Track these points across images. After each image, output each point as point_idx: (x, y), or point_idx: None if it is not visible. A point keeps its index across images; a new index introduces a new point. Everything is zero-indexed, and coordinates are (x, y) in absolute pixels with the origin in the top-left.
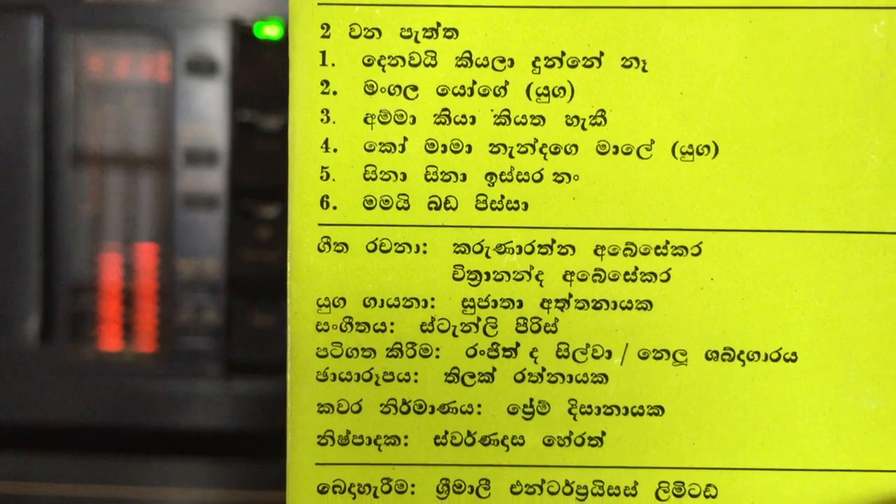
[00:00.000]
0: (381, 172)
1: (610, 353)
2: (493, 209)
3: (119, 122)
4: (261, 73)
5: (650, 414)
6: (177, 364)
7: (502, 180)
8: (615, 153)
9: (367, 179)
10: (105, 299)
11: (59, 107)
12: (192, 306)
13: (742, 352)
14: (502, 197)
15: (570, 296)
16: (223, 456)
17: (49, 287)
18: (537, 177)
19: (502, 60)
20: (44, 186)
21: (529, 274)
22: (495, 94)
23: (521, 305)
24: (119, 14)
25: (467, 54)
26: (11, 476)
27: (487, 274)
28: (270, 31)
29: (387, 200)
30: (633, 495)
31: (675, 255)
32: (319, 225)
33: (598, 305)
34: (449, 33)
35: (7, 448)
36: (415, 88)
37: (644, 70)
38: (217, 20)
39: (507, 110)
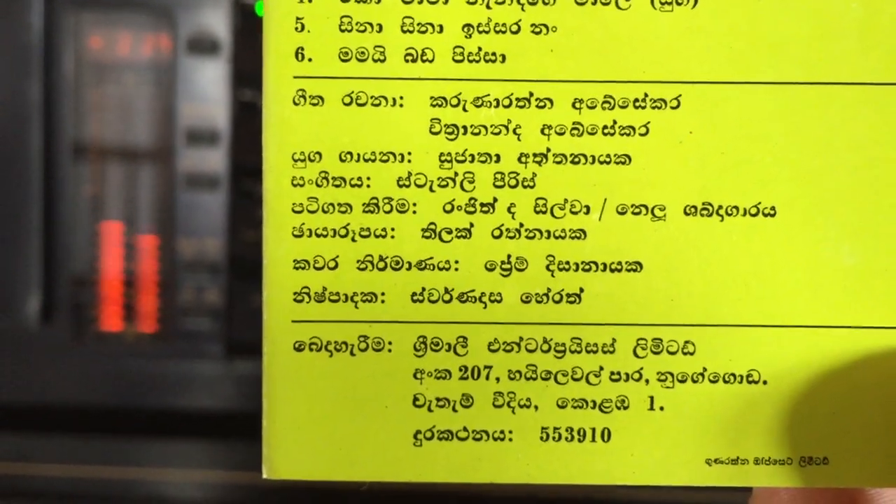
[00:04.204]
0: (356, 24)
1: (588, 208)
2: (470, 62)
3: (120, 101)
4: (262, 52)
5: (628, 270)
6: (178, 345)
7: (479, 32)
8: (593, 4)
9: (342, 31)
10: (106, 280)
11: (59, 86)
12: (194, 287)
13: (721, 206)
14: (479, 49)
15: (548, 150)
16: (224, 437)
17: (50, 267)
18: (514, 28)
19: None
20: (44, 166)
21: (507, 128)
22: None
23: (498, 160)
24: None
25: None
26: (12, 456)
27: (465, 128)
28: None
29: (363, 52)
30: (611, 352)
31: (653, 108)
32: (294, 77)
33: (576, 160)
34: None
35: (7, 428)
36: None
37: None
38: None
39: None
